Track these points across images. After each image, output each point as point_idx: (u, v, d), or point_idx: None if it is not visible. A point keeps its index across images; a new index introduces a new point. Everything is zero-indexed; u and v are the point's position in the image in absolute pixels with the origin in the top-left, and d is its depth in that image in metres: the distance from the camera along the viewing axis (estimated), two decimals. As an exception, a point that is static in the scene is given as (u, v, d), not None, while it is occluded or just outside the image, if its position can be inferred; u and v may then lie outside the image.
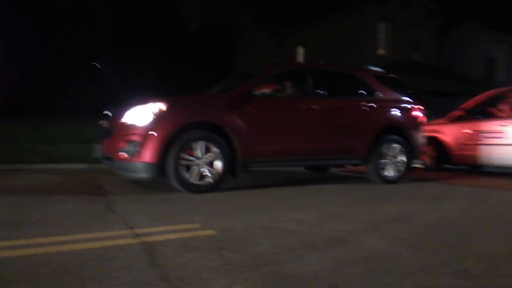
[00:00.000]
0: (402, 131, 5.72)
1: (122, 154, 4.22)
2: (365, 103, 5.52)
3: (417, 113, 5.97)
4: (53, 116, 16.55)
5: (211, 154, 4.37)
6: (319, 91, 5.30)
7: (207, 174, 4.35)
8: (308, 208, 3.73)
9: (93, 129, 5.96)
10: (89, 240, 2.41)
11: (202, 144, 4.32)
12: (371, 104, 5.54)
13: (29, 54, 23.86)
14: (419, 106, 6.02)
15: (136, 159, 4.15)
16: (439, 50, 22.61)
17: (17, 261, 2.01)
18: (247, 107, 4.68)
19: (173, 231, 2.69)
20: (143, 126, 4.18)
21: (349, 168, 7.25)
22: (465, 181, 6.34)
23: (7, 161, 6.47)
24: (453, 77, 20.59)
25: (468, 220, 3.34)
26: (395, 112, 5.75)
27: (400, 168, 5.68)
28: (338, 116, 5.34)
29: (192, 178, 4.28)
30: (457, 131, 7.45)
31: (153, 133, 4.15)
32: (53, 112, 18.93)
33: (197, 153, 4.31)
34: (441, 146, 7.62)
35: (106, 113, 4.95)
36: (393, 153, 5.63)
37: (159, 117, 4.23)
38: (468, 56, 22.86)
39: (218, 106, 4.59)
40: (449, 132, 7.57)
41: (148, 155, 4.12)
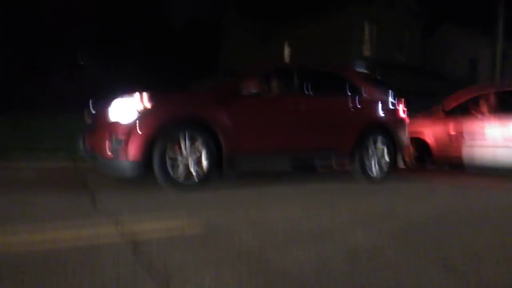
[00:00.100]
0: (387, 130, 5.79)
1: (106, 152, 4.16)
2: (350, 102, 5.57)
3: (402, 113, 6.06)
4: (36, 111, 16.23)
5: (198, 151, 4.35)
6: (305, 90, 5.32)
7: (193, 171, 4.33)
8: (294, 204, 3.75)
9: (77, 123, 5.87)
10: (73, 236, 2.38)
11: (188, 141, 4.30)
12: (356, 104, 5.59)
13: (10, 48, 23.34)
14: (403, 106, 6.12)
15: (120, 157, 4.08)
16: (423, 51, 22.94)
17: (1, 257, 1.98)
18: (234, 104, 4.67)
19: (159, 227, 2.68)
20: (127, 123, 4.11)
21: (334, 167, 7.31)
22: (449, 180, 6.47)
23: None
24: (436, 78, 20.94)
25: (451, 217, 3.41)
26: (380, 111, 5.82)
27: (384, 167, 5.75)
28: (323, 115, 5.37)
29: (178, 175, 4.25)
30: (438, 131, 7.57)
31: (137, 130, 4.08)
32: (36, 107, 18.55)
33: (183, 150, 4.29)
34: (423, 146, 7.75)
35: (91, 109, 4.88)
36: (378, 152, 5.70)
37: (144, 114, 4.17)
38: (451, 57, 23.25)
39: (205, 103, 4.56)
40: (430, 132, 7.70)
41: (132, 153, 4.06)
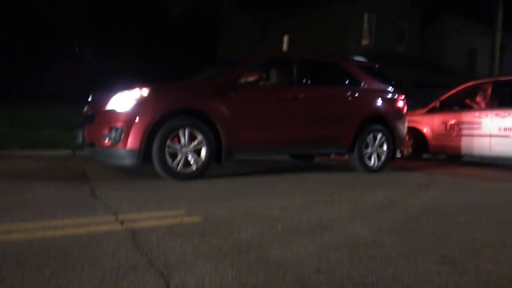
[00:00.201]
0: (386, 121, 5.80)
1: (105, 141, 4.16)
2: (350, 93, 5.56)
3: (400, 104, 6.05)
4: (34, 101, 16.19)
5: (196, 142, 4.34)
6: (304, 80, 5.30)
7: (192, 162, 4.33)
8: (293, 196, 3.76)
9: (75, 114, 5.85)
10: (73, 226, 2.38)
11: (187, 131, 4.29)
12: (356, 94, 5.58)
13: (7, 38, 23.16)
14: (402, 97, 6.11)
15: (120, 146, 4.10)
16: (422, 41, 22.82)
17: (0, 246, 1.98)
18: (233, 95, 4.66)
19: (158, 217, 2.68)
20: (127, 112, 4.12)
21: (333, 157, 7.33)
22: (446, 171, 6.49)
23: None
24: (435, 69, 20.87)
25: (450, 208, 3.42)
26: (379, 102, 5.81)
27: (383, 158, 5.77)
28: (323, 105, 5.36)
29: (177, 166, 4.26)
30: (435, 122, 7.63)
31: (137, 120, 4.10)
32: (34, 97, 18.49)
33: (182, 140, 4.28)
34: (419, 136, 7.80)
35: (89, 99, 4.85)
36: (377, 143, 5.71)
37: (144, 103, 4.17)
38: (450, 48, 23.14)
39: (204, 93, 4.55)
40: (427, 123, 7.76)
41: (132, 142, 4.08)
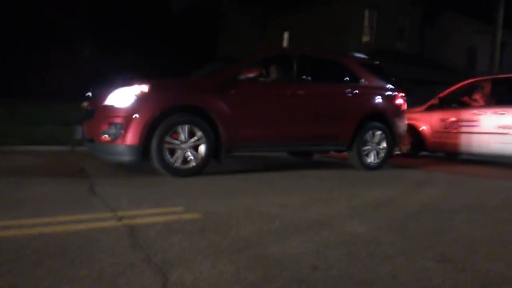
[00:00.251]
0: (385, 118, 5.79)
1: (105, 137, 4.16)
2: (349, 90, 5.55)
3: (400, 101, 6.04)
4: (33, 97, 16.17)
5: (196, 138, 4.34)
6: (304, 77, 5.30)
7: (191, 158, 4.33)
8: (292, 193, 3.76)
9: (75, 111, 5.85)
10: (72, 222, 2.38)
11: (186, 128, 4.29)
12: (355, 91, 5.57)
13: (6, 35, 23.10)
14: (402, 94, 6.10)
15: (119, 142, 4.09)
16: (422, 39, 22.80)
17: (-3, 243, 1.99)
18: (232, 92, 4.65)
19: (157, 214, 2.69)
20: (126, 108, 4.12)
21: (332, 155, 7.33)
22: (445, 168, 6.49)
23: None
24: (435, 66, 20.84)
25: (448, 206, 3.43)
26: (379, 99, 5.81)
27: (382, 155, 5.77)
28: (322, 102, 5.36)
29: (176, 162, 4.26)
30: (433, 119, 7.64)
31: (137, 116, 4.09)
32: (33, 93, 18.46)
33: (181, 137, 4.28)
34: (418, 134, 7.81)
35: (88, 95, 4.84)
36: (376, 140, 5.71)
37: (143, 100, 4.17)
38: (450, 45, 23.11)
39: (203, 90, 4.55)
40: (425, 120, 7.77)
41: (131, 138, 4.08)
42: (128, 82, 4.28)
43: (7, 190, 3.30)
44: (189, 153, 4.33)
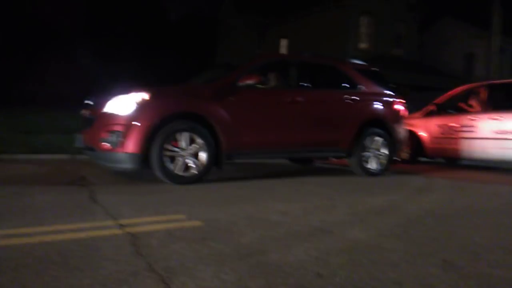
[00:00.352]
0: (385, 124, 5.80)
1: (105, 144, 4.16)
2: (348, 96, 5.56)
3: (399, 107, 6.05)
4: (33, 106, 16.16)
5: (196, 145, 4.34)
6: (303, 83, 5.31)
7: (192, 165, 4.33)
8: (293, 200, 3.75)
9: (74, 118, 5.85)
10: (73, 231, 2.37)
11: (187, 135, 4.29)
12: (354, 97, 5.59)
13: (6, 42, 23.17)
14: (402, 100, 6.11)
15: (119, 150, 4.09)
16: (420, 45, 22.89)
17: (0, 252, 1.98)
18: (231, 98, 4.66)
19: (158, 222, 2.68)
20: (126, 116, 4.12)
21: (333, 161, 7.33)
22: (446, 174, 6.49)
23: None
24: (433, 72, 20.92)
25: (450, 212, 3.42)
26: (378, 105, 5.82)
27: (383, 161, 5.77)
28: (321, 108, 5.37)
29: (177, 169, 4.25)
30: (431, 125, 7.67)
31: (136, 123, 4.09)
32: (33, 102, 18.48)
33: (182, 144, 4.28)
34: (416, 140, 7.82)
35: (88, 103, 4.85)
36: (376, 146, 5.71)
37: (143, 107, 4.17)
38: (448, 51, 23.22)
39: (202, 97, 4.56)
40: (423, 126, 7.79)
41: (131, 146, 4.08)
42: (128, 90, 4.28)
43: (9, 199, 3.29)
44: (190, 161, 4.32)
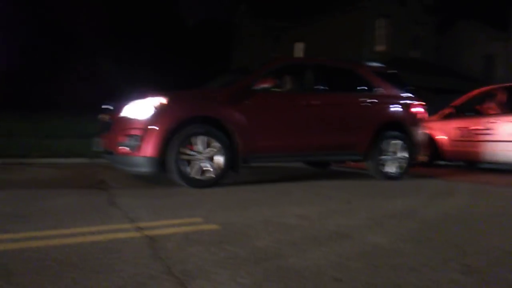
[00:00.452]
0: (403, 127, 5.71)
1: (123, 148, 4.21)
2: (365, 99, 5.51)
3: (418, 109, 5.96)
4: (53, 110, 16.49)
5: (212, 149, 4.36)
6: (319, 86, 5.28)
7: (208, 169, 4.34)
8: (310, 204, 3.73)
9: (93, 123, 5.95)
10: (92, 234, 2.40)
11: (203, 139, 4.31)
12: (372, 100, 5.53)
13: (28, 48, 23.75)
14: (420, 102, 6.01)
15: (137, 153, 4.14)
16: (438, 47, 22.60)
17: (21, 254, 2.01)
18: (247, 102, 4.67)
19: (176, 225, 2.69)
20: (144, 120, 4.17)
21: (350, 164, 7.27)
22: (465, 178, 6.37)
23: (8, 155, 6.45)
24: (451, 74, 20.62)
25: (471, 216, 3.35)
26: (396, 108, 5.75)
27: (401, 164, 5.67)
28: (338, 112, 5.33)
29: (193, 173, 4.28)
30: (448, 128, 7.56)
31: (154, 127, 4.14)
32: (53, 106, 18.85)
33: (198, 148, 4.31)
34: (433, 143, 7.70)
35: (106, 107, 4.92)
36: (394, 149, 5.63)
37: (160, 111, 4.22)
38: (466, 53, 22.86)
39: (218, 101, 4.57)
40: (441, 129, 7.68)
41: (149, 149, 4.12)
42: (145, 94, 4.34)
43: (29, 202, 3.35)
44: (206, 164, 4.34)
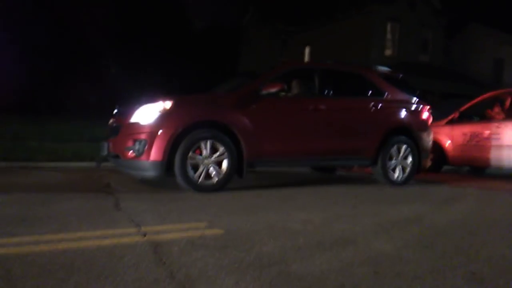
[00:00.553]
0: (410, 132, 5.68)
1: (129, 152, 4.23)
2: (373, 103, 5.49)
3: (425, 114, 5.93)
4: (61, 114, 16.64)
5: (218, 154, 4.36)
6: (326, 91, 5.27)
7: (214, 174, 4.35)
8: (315, 209, 3.71)
9: (101, 127, 5.99)
10: (97, 238, 2.41)
11: (209, 144, 4.32)
12: (379, 104, 5.50)
13: (37, 53, 24.01)
14: (427, 107, 5.98)
15: (143, 158, 4.16)
16: (446, 51, 22.48)
17: (25, 258, 2.02)
18: (254, 107, 4.67)
19: (180, 230, 2.69)
20: (151, 125, 4.19)
21: (356, 169, 7.23)
22: (472, 183, 6.31)
23: (15, 159, 6.51)
24: (461, 79, 20.48)
25: (478, 223, 3.31)
26: (404, 113, 5.71)
27: (408, 170, 5.64)
28: (345, 116, 5.31)
29: (199, 177, 4.28)
30: (455, 133, 7.50)
31: (160, 132, 4.15)
32: (61, 110, 19.04)
33: (204, 152, 4.31)
34: (439, 148, 7.64)
35: (114, 111, 4.96)
36: (401, 155, 5.59)
37: (166, 116, 4.24)
38: (476, 58, 22.71)
39: (225, 105, 4.58)
40: (447, 134, 7.63)
41: (155, 154, 4.13)
42: (152, 99, 4.36)
43: (36, 205, 3.38)
44: (212, 169, 4.34)
